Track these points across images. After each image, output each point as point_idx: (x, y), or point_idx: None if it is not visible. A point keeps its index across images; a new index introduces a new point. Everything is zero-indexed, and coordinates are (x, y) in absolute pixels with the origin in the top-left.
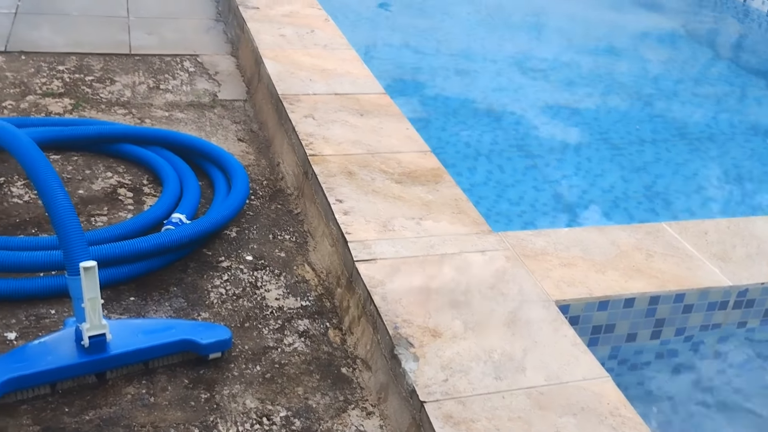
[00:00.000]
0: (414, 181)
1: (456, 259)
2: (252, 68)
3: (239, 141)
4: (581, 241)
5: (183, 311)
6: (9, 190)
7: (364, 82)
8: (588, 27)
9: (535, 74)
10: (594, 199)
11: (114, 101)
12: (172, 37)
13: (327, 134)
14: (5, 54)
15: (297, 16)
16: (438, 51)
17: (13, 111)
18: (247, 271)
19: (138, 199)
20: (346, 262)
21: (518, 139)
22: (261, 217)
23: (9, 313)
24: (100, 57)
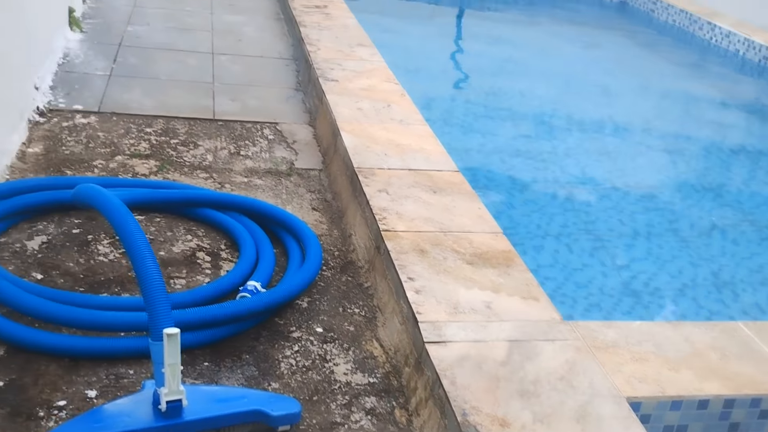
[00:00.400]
0: (485, 262)
1: (526, 346)
2: (329, 139)
3: (313, 210)
4: (653, 336)
5: (254, 380)
6: (96, 248)
7: (438, 158)
8: (661, 110)
9: (604, 156)
10: (661, 287)
11: (197, 165)
12: (253, 104)
13: (400, 210)
14: (98, 114)
15: (374, 90)
16: (508, 130)
17: (103, 170)
18: (317, 343)
19: (215, 264)
20: (415, 342)
21: (587, 222)
22: (332, 288)
23: (91, 371)
24: (186, 121)
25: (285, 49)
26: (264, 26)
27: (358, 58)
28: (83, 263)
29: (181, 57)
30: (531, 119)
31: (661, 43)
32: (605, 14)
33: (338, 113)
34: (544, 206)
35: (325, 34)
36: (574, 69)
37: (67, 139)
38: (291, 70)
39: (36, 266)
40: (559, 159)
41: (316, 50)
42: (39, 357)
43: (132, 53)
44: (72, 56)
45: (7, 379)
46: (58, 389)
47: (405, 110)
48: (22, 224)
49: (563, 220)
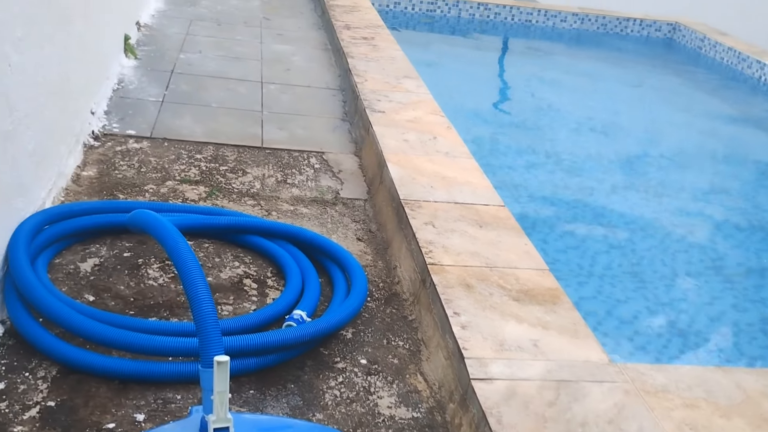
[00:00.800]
0: (531, 299)
1: (573, 387)
2: (374, 169)
3: (358, 240)
4: (705, 381)
5: (298, 410)
6: (146, 272)
7: (483, 192)
8: (708, 148)
9: (648, 192)
10: (707, 329)
11: (244, 192)
12: (301, 133)
13: (446, 243)
14: (150, 140)
15: (420, 122)
16: (551, 166)
17: (154, 195)
18: (361, 375)
19: (262, 291)
20: (461, 378)
21: (632, 260)
22: (376, 320)
23: (139, 394)
24: (235, 148)
25: (332, 80)
26: (312, 56)
27: (405, 90)
28: (133, 286)
29: (232, 85)
30: (575, 155)
31: (709, 81)
32: (652, 51)
33: (384, 144)
34: (587, 243)
35: (372, 66)
36: (619, 106)
37: (120, 163)
38: (338, 101)
39: (88, 288)
40: (603, 195)
41: (363, 81)
42: (90, 378)
43: (184, 80)
44: (126, 82)
45: (59, 399)
46: (107, 411)
47: (451, 143)
48: (76, 246)
49: (607, 258)
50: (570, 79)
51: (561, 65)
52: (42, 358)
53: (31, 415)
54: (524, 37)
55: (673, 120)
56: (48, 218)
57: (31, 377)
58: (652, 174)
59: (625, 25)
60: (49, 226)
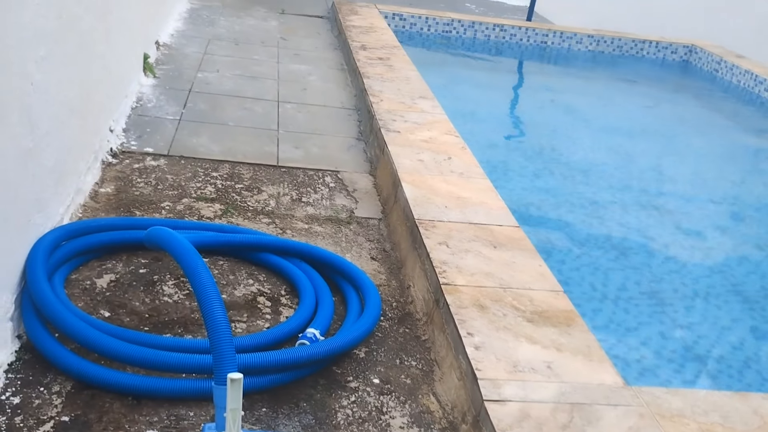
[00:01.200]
0: (546, 321)
1: (587, 410)
2: (389, 189)
3: (372, 259)
4: (721, 407)
5: (311, 428)
6: (161, 288)
7: (498, 213)
8: (725, 170)
9: (663, 214)
10: (723, 354)
11: (259, 210)
12: (316, 152)
13: (460, 264)
14: (167, 158)
15: (435, 142)
16: (566, 186)
17: (170, 212)
18: (374, 395)
19: (275, 309)
20: (474, 400)
21: (645, 281)
22: (389, 339)
23: (152, 410)
24: (250, 166)
25: (348, 100)
26: (328, 76)
27: (420, 110)
28: (149, 303)
29: (248, 104)
30: (590, 176)
31: (726, 103)
32: (668, 74)
33: (399, 164)
34: (601, 264)
35: (387, 86)
36: (634, 128)
37: (137, 180)
38: (353, 120)
39: (104, 304)
40: (617, 216)
41: (378, 101)
42: (104, 394)
43: (201, 99)
44: (145, 100)
45: (73, 414)
46: (121, 427)
47: (466, 163)
48: (93, 262)
49: (622, 280)
50: (585, 100)
51: (576, 87)
52: (57, 372)
53: (45, 430)
54: (539, 59)
55: (689, 142)
56: (66, 234)
57: (45, 392)
58: (668, 196)
59: (641, 47)
60: (67, 242)
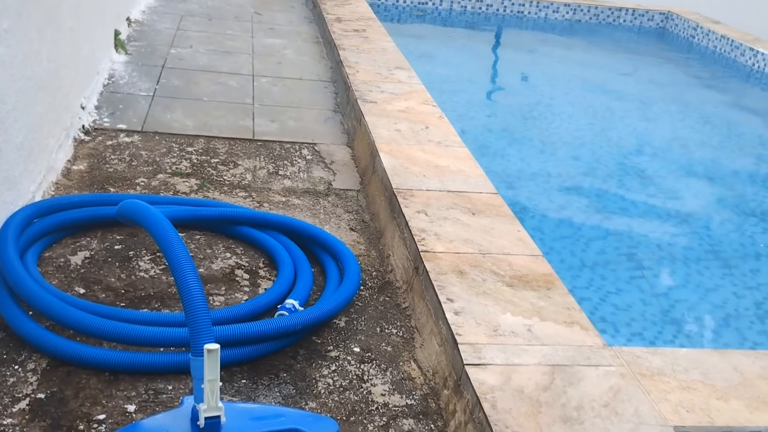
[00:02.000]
0: (525, 285)
1: (568, 371)
2: (367, 160)
3: (351, 230)
4: (701, 364)
5: (291, 398)
6: (137, 264)
7: (476, 180)
8: (702, 135)
9: (644, 180)
10: (703, 315)
11: (236, 184)
12: (292, 125)
13: (439, 231)
14: (141, 134)
15: (412, 112)
16: (544, 155)
17: (145, 188)
18: (355, 363)
19: (254, 282)
20: (454, 364)
21: (627, 246)
22: (369, 308)
23: (130, 385)
24: (226, 141)
25: (324, 72)
26: (303, 49)
27: (397, 81)
28: (125, 279)
29: (223, 79)
30: (569, 143)
31: (702, 69)
32: (644, 40)
33: (376, 134)
34: (582, 231)
35: (363, 57)
36: (613, 95)
37: (110, 157)
38: (329, 93)
39: (79, 281)
40: (598, 182)
41: (354, 73)
42: (80, 370)
43: (175, 75)
44: (117, 77)
45: (49, 391)
46: (98, 403)
47: (443, 132)
48: (66, 240)
49: (602, 245)
50: (563, 69)
51: (553, 56)
52: (32, 350)
53: (20, 408)
54: (516, 29)
55: (667, 108)
56: (37, 211)
57: (20, 370)
58: (646, 162)
59: (618, 15)
60: (39, 219)
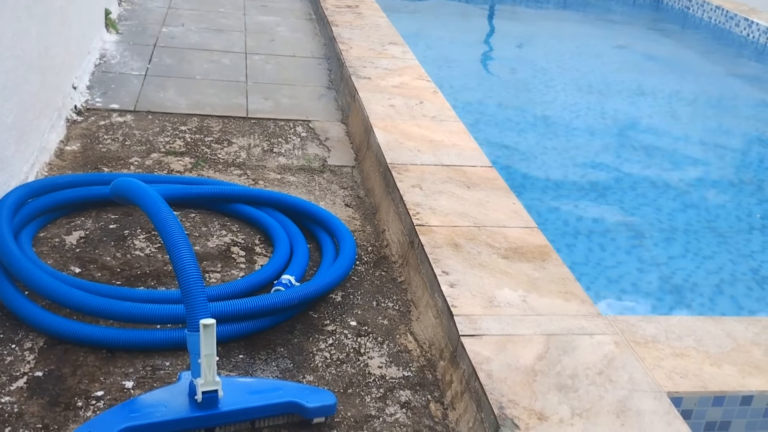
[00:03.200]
0: (520, 257)
1: (563, 340)
2: (361, 136)
3: (346, 206)
4: (694, 331)
5: (289, 372)
6: (132, 243)
7: (471, 154)
8: (697, 106)
9: (639, 151)
10: (699, 284)
11: (230, 162)
12: (286, 102)
13: (434, 205)
14: (134, 113)
15: (407, 87)
16: (540, 128)
17: (139, 167)
18: (351, 337)
19: (250, 258)
20: (450, 336)
21: (626, 217)
22: (365, 283)
23: (128, 362)
24: (219, 119)
25: (317, 49)
26: (296, 26)
27: (390, 56)
28: (120, 257)
29: (215, 57)
30: (565, 117)
31: (697, 40)
32: (639, 12)
33: (371, 110)
34: (579, 203)
35: (356, 33)
36: (607, 67)
37: (103, 137)
38: (323, 69)
39: (74, 260)
40: (593, 154)
41: (348, 49)
42: (77, 348)
43: (167, 54)
44: (108, 57)
45: (47, 369)
46: (95, 380)
47: (438, 107)
48: (61, 220)
49: (598, 216)
50: (557, 42)
51: (547, 29)
52: (28, 329)
53: (18, 386)
54: (511, 2)
55: (663, 80)
56: (31, 192)
57: (17, 348)
58: (642, 134)
59: None
60: (33, 199)
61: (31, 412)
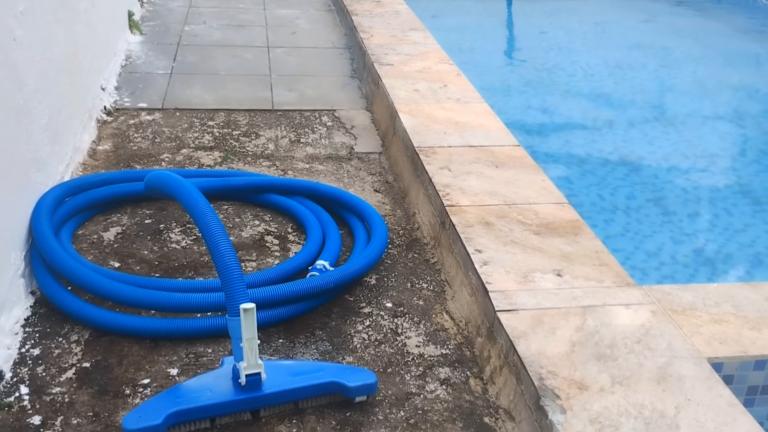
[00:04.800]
0: (552, 232)
1: (599, 311)
2: (387, 122)
3: (375, 192)
4: (732, 297)
5: (328, 354)
6: (168, 236)
7: (498, 134)
8: (724, 77)
9: (667, 125)
10: (734, 254)
11: (259, 154)
12: (311, 93)
13: (463, 185)
14: (162, 111)
15: (430, 71)
16: (568, 105)
17: (170, 163)
18: (388, 318)
19: (283, 246)
20: (486, 312)
21: (654, 191)
22: (398, 265)
23: (171, 350)
24: (246, 113)
25: (338, 39)
26: (316, 18)
27: (412, 42)
28: (157, 251)
29: (238, 52)
30: (591, 93)
31: (722, 10)
32: None
33: (395, 96)
34: (609, 178)
35: (377, 21)
36: (631, 41)
37: (134, 135)
38: (345, 59)
39: (113, 255)
40: (621, 131)
41: (369, 37)
42: (122, 339)
43: (190, 51)
44: (134, 57)
45: (94, 360)
46: (141, 368)
47: (462, 89)
48: (98, 217)
49: (630, 191)
50: (579, 19)
51: (569, 8)
52: (74, 323)
53: (68, 377)
54: None
55: (688, 52)
56: (68, 190)
57: (64, 342)
58: (670, 106)
59: None
60: (70, 198)
61: (82, 401)
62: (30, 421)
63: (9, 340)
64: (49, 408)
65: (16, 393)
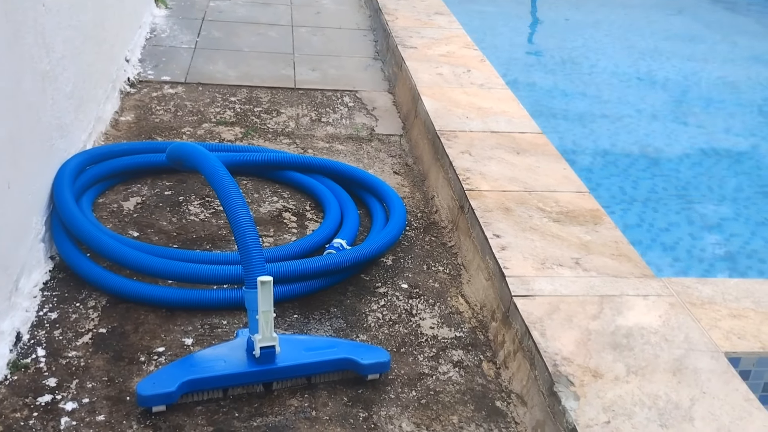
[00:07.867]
0: (572, 220)
1: (617, 301)
2: (408, 105)
3: (395, 174)
4: (752, 293)
5: (342, 331)
6: (187, 208)
7: (520, 121)
8: (748, 70)
9: (690, 119)
10: (757, 250)
11: (280, 131)
12: (333, 73)
13: (483, 170)
14: (185, 85)
15: (453, 56)
16: (590, 95)
17: (191, 137)
18: (403, 299)
19: (301, 224)
20: (502, 297)
21: (675, 185)
22: (415, 247)
23: (187, 321)
24: (268, 90)
25: (362, 21)
26: None
27: (437, 26)
28: (176, 222)
29: (262, 30)
30: (615, 86)
31: (749, 5)
32: None
33: (418, 79)
34: (630, 171)
35: (402, 4)
36: (659, 35)
37: (156, 108)
38: (369, 41)
39: (132, 225)
40: (644, 123)
41: (394, 19)
42: (138, 307)
43: (215, 27)
44: (159, 31)
45: (110, 326)
46: (156, 337)
47: (485, 75)
48: (118, 186)
49: (651, 184)
50: (606, 11)
51: None
52: (91, 289)
53: (84, 341)
54: None
55: (714, 47)
56: (90, 158)
57: (82, 307)
58: (694, 101)
59: None
60: (91, 166)
61: (97, 365)
62: (46, 382)
63: (27, 302)
64: (64, 371)
65: (33, 355)
